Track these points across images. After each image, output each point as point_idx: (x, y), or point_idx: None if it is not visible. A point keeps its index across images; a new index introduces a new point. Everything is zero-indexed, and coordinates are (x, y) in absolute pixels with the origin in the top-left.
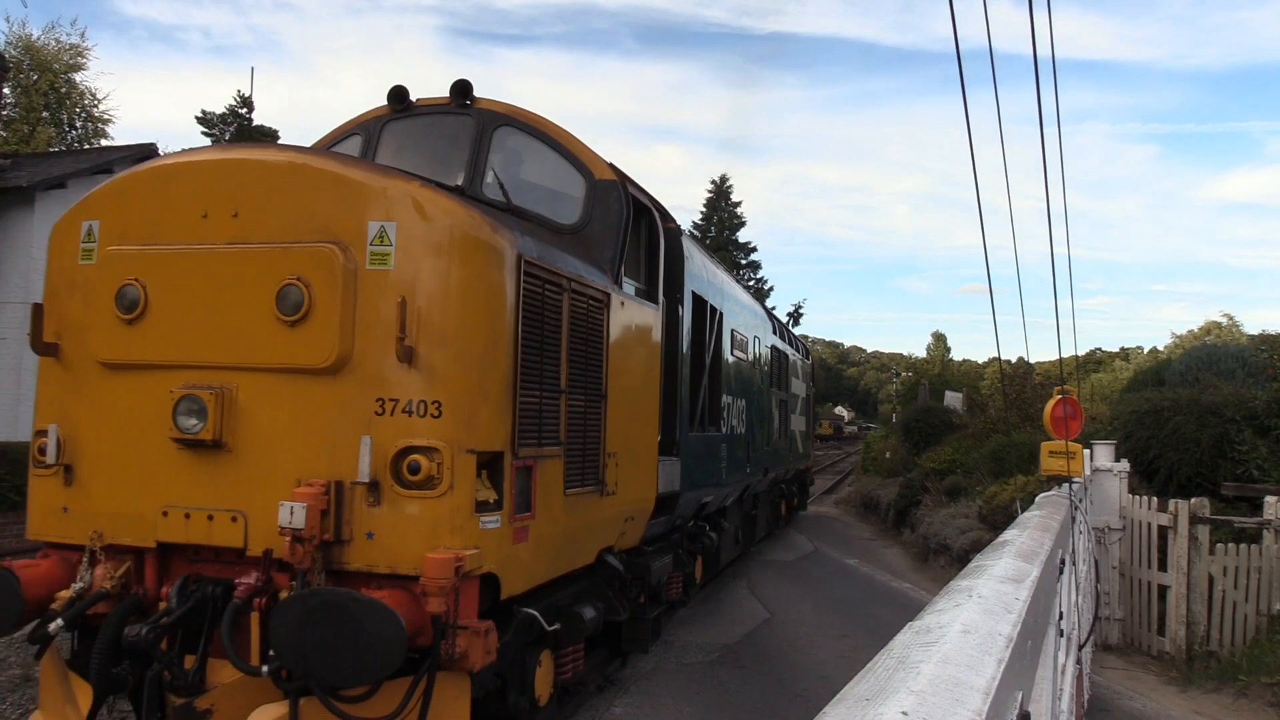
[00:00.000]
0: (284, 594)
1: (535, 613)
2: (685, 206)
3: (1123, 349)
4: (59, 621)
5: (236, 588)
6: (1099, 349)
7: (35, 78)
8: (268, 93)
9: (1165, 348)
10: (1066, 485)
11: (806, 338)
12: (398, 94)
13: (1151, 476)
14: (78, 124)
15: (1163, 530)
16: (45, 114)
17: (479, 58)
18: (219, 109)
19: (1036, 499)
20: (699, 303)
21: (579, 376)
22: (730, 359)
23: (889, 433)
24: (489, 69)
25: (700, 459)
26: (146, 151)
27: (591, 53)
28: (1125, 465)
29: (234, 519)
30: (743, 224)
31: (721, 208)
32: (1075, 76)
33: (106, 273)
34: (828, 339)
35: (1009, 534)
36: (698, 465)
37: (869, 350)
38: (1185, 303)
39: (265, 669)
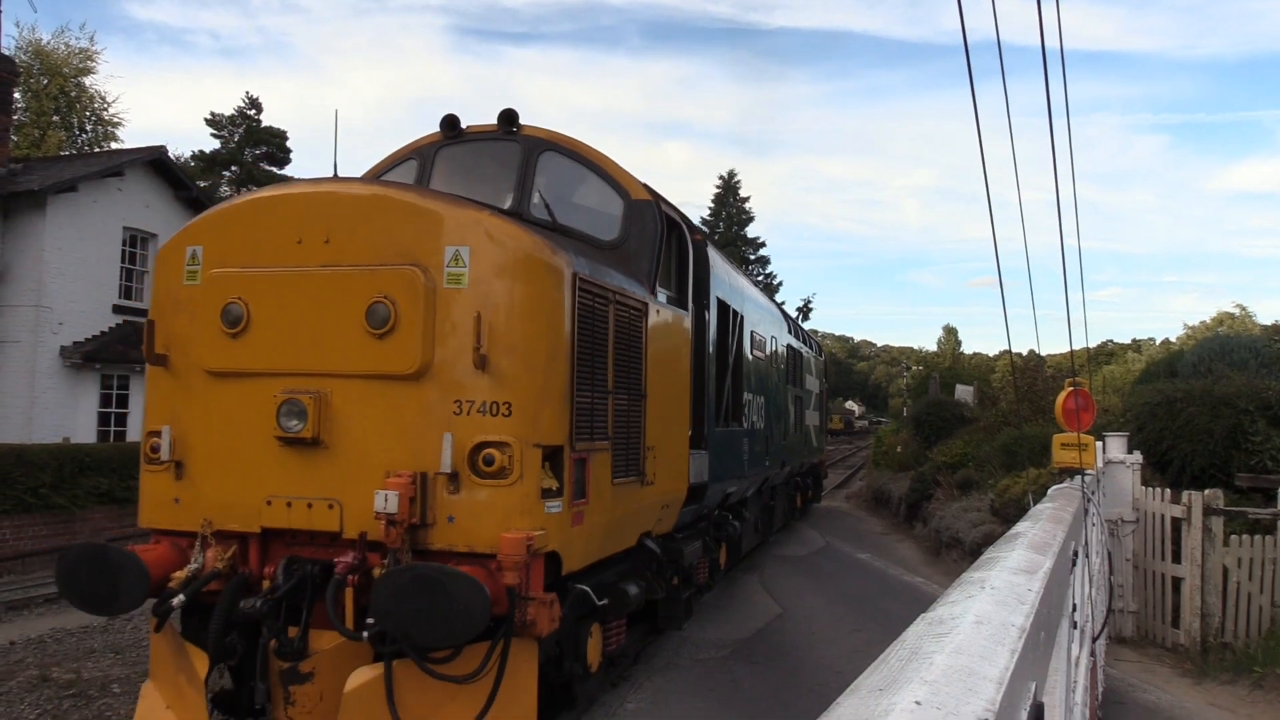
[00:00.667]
0: (377, 571)
1: (588, 589)
2: (694, 202)
3: (1134, 340)
4: (181, 597)
5: (336, 566)
6: (1111, 341)
7: (45, 82)
8: (275, 93)
9: (1177, 339)
10: (1078, 477)
11: (816, 332)
12: (450, 122)
13: (1165, 468)
14: (88, 127)
15: (1176, 522)
16: (55, 118)
17: (487, 57)
18: (228, 110)
19: (1049, 491)
20: (722, 307)
21: (623, 378)
22: (750, 358)
23: (900, 427)
24: (497, 68)
25: (725, 452)
26: (157, 154)
27: (599, 50)
28: (1138, 457)
29: (330, 506)
30: (751, 219)
31: (730, 203)
32: (1083, 68)
33: (211, 292)
34: (837, 333)
35: (1021, 526)
36: (723, 458)
37: (879, 344)
38: (1197, 293)
39: (366, 634)
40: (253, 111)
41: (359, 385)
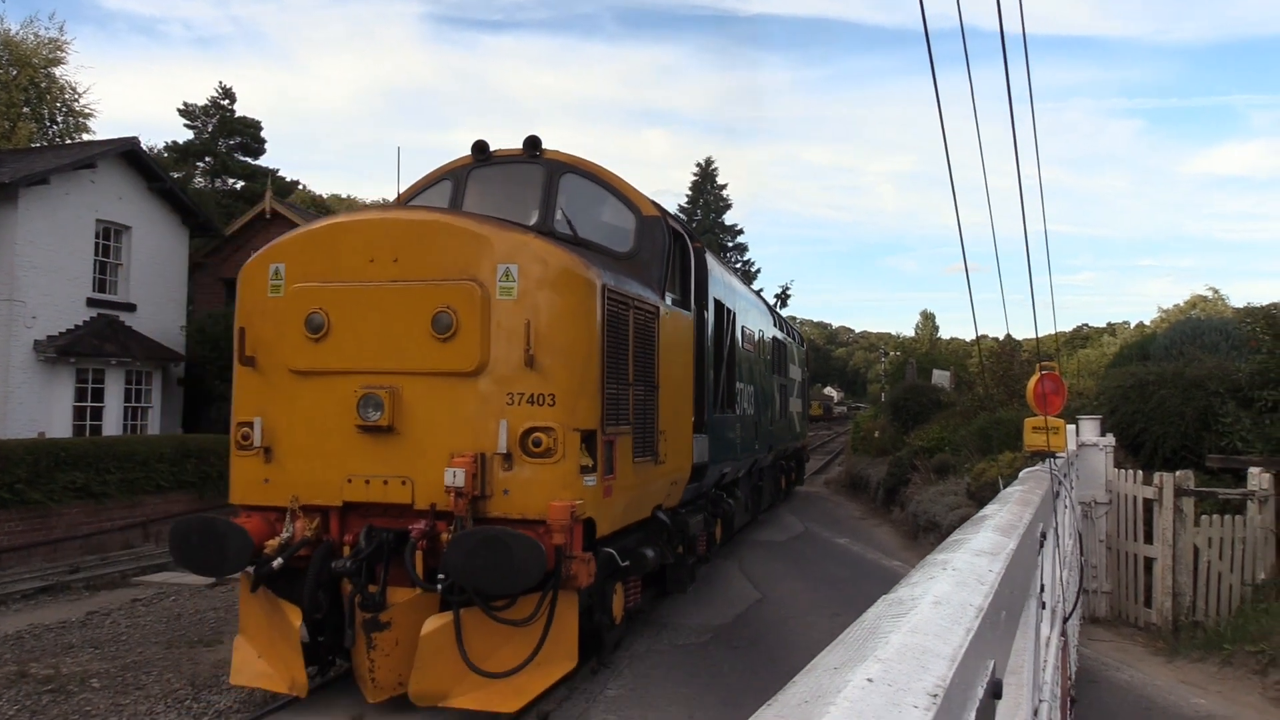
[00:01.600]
0: (444, 536)
1: (614, 551)
2: (672, 190)
3: (1109, 324)
4: (280, 560)
5: (410, 532)
6: (1086, 325)
7: (15, 73)
8: (249, 83)
9: (1151, 322)
10: (1050, 460)
11: (795, 318)
12: (479, 147)
13: (1137, 450)
14: (59, 119)
15: (1148, 503)
16: (26, 109)
17: (464, 45)
18: (201, 100)
19: (1020, 474)
20: (719, 307)
21: (640, 372)
22: (742, 351)
23: (878, 412)
24: (473, 56)
25: (722, 436)
26: (129, 145)
27: (576, 37)
28: (1111, 439)
29: (403, 483)
30: (729, 206)
31: (708, 190)
32: (1058, 53)
33: (294, 303)
34: (816, 320)
35: (989, 509)
36: (720, 441)
37: (857, 330)
38: (1172, 277)
39: (439, 586)
40: (226, 102)
41: (426, 381)
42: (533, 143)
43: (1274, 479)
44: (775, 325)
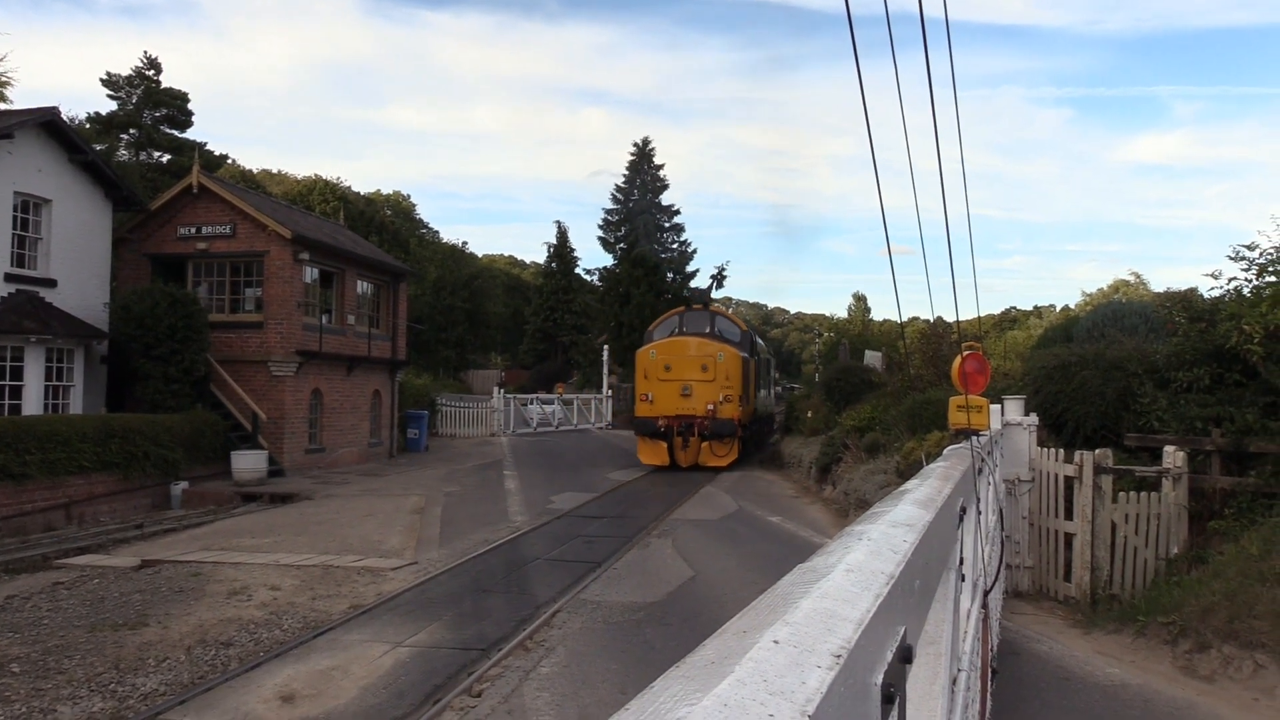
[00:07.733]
0: (705, 423)
1: (742, 430)
2: (609, 169)
3: (1036, 307)
4: (664, 428)
5: (696, 422)
6: (1014, 307)
7: None
8: (179, 54)
9: (1076, 305)
10: (973, 438)
11: (730, 299)
12: (686, 301)
13: (1060, 429)
14: None
15: (1069, 481)
16: None
17: (401, 20)
18: (125, 71)
19: (944, 452)
20: (757, 352)
21: (746, 380)
22: (760, 369)
23: (811, 392)
24: (411, 32)
25: (758, 402)
26: (49, 115)
27: (515, 15)
28: (1034, 419)
29: (692, 410)
30: (666, 187)
31: (644, 170)
32: (991, 41)
33: (660, 362)
34: (751, 301)
35: (910, 483)
36: (756, 405)
37: (792, 311)
38: (1097, 262)
39: (707, 435)
40: (151, 72)
41: (699, 383)
42: (705, 302)
43: (1188, 457)
44: (767, 351)
